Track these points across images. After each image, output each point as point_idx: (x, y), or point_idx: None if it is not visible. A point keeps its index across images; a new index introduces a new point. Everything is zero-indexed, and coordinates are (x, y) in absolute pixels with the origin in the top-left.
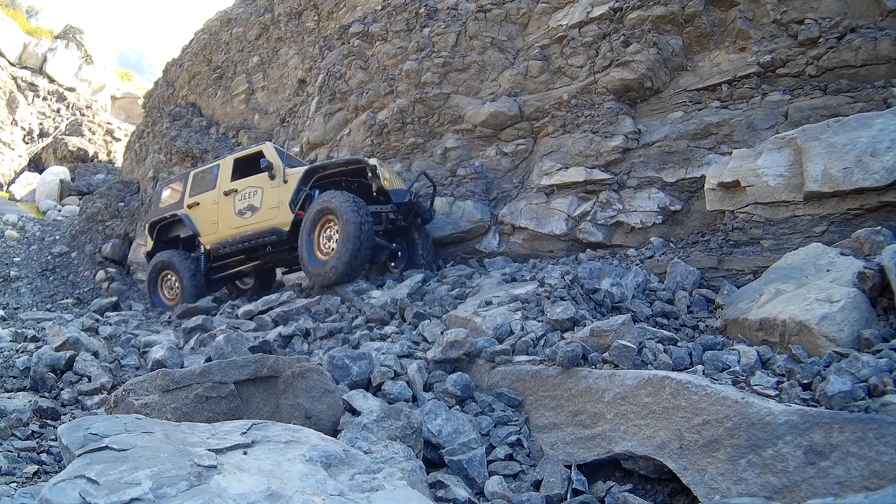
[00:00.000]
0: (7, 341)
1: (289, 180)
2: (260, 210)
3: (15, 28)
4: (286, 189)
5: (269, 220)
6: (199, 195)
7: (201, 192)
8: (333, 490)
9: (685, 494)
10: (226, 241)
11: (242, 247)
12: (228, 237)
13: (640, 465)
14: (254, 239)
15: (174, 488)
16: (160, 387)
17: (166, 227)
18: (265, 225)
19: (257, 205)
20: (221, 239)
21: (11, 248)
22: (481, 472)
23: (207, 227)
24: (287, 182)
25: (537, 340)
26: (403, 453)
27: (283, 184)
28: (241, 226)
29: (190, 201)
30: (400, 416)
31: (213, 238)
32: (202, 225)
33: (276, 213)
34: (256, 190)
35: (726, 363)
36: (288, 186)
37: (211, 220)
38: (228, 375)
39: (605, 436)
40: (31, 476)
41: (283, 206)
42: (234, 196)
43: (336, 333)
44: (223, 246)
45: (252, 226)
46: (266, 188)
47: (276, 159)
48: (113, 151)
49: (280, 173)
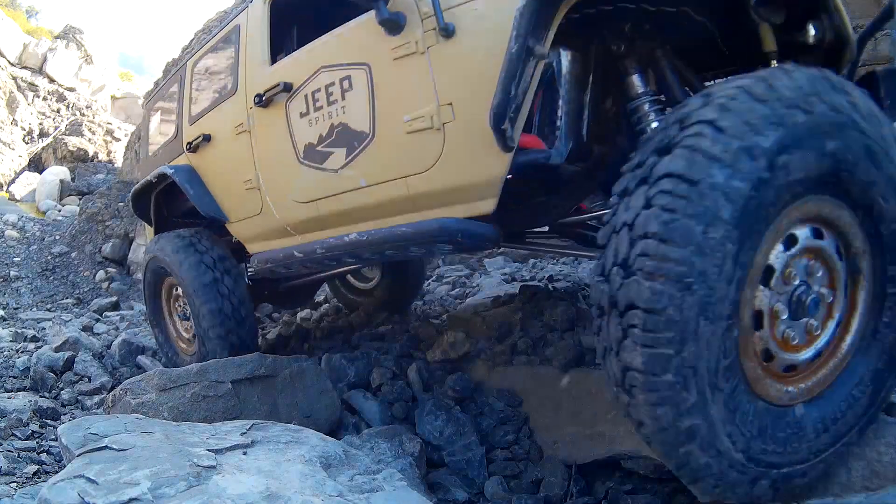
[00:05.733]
0: (7, 341)
1: (464, 31)
2: (374, 143)
3: (15, 28)
4: (461, 58)
5: (416, 178)
6: (210, 114)
7: (213, 104)
8: (333, 491)
9: (685, 494)
10: (286, 253)
11: (332, 260)
12: (291, 237)
13: (640, 465)
14: (371, 246)
15: (173, 488)
16: (157, 386)
17: (171, 195)
18: (402, 195)
19: (363, 126)
20: (272, 239)
21: (11, 248)
22: (481, 473)
23: (237, 200)
24: (458, 37)
25: (537, 340)
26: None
27: (444, 41)
28: (322, 195)
29: (193, 133)
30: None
31: (254, 230)
32: (225, 195)
33: (434, 149)
34: (355, 76)
35: None
36: (465, 49)
37: (242, 181)
38: (226, 374)
39: (606, 436)
40: (31, 476)
41: (460, 121)
42: (289, 106)
43: (336, 334)
44: (278, 262)
45: (359, 197)
46: (387, 67)
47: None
48: (113, 151)
49: (423, 14)
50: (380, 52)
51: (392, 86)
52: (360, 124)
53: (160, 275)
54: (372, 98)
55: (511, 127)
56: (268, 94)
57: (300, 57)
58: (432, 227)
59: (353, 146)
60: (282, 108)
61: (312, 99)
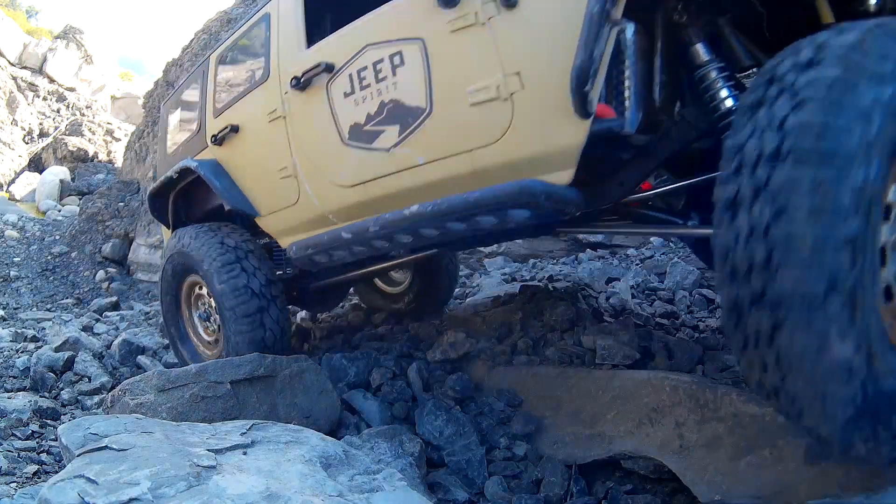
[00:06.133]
0: (7, 341)
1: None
2: (432, 118)
3: (15, 28)
4: (527, 27)
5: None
6: (237, 104)
7: (241, 94)
8: (333, 491)
9: (685, 494)
10: (333, 236)
11: (385, 240)
12: (331, 227)
13: (640, 465)
14: (436, 218)
15: (173, 488)
16: (156, 386)
17: (191, 195)
18: (466, 170)
19: (419, 101)
20: (309, 231)
21: (11, 248)
22: (481, 473)
23: (269, 191)
24: (521, 6)
25: (537, 340)
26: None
27: (507, 11)
28: (371, 177)
29: (218, 125)
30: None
31: (289, 222)
32: (255, 187)
33: (501, 119)
34: (408, 51)
35: (726, 363)
36: (530, 18)
37: (276, 170)
38: (224, 375)
39: (605, 436)
40: (31, 476)
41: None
42: (331, 86)
43: (336, 334)
44: (321, 247)
45: (415, 176)
46: (443, 40)
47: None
48: (113, 151)
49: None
50: (434, 26)
51: (450, 59)
52: (415, 100)
53: (181, 273)
54: (428, 72)
55: (591, 91)
56: (306, 76)
57: (342, 36)
58: (511, 190)
59: (407, 123)
60: (322, 90)
61: (358, 78)
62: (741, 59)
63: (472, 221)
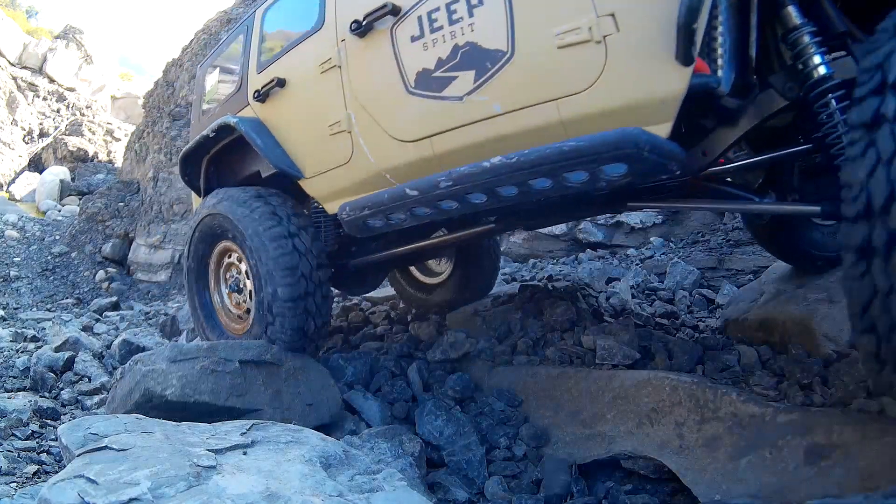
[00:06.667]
0: (7, 341)
1: None
2: (514, 62)
3: (15, 28)
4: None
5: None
6: (284, 58)
7: (290, 46)
8: (332, 491)
9: (685, 494)
10: (395, 194)
11: (456, 199)
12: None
13: (640, 465)
14: (521, 172)
15: (173, 488)
16: (168, 357)
17: (226, 159)
18: (551, 120)
19: (498, 43)
20: (362, 193)
21: (11, 248)
22: (481, 473)
23: (318, 149)
24: None
25: (537, 340)
26: (392, 450)
27: None
28: (439, 130)
29: (262, 80)
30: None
31: (340, 183)
32: (301, 145)
33: (593, 64)
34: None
35: (726, 363)
36: None
37: (327, 125)
38: (234, 354)
39: (605, 436)
40: (31, 476)
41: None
42: (396, 30)
43: (335, 333)
44: (380, 207)
45: (491, 127)
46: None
47: None
48: (113, 151)
49: None
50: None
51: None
52: (494, 42)
53: (213, 237)
54: (510, 12)
55: (697, 32)
56: (368, 19)
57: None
58: (613, 138)
59: (484, 67)
60: (386, 35)
61: (428, 20)
62: (835, 24)
63: (560, 178)
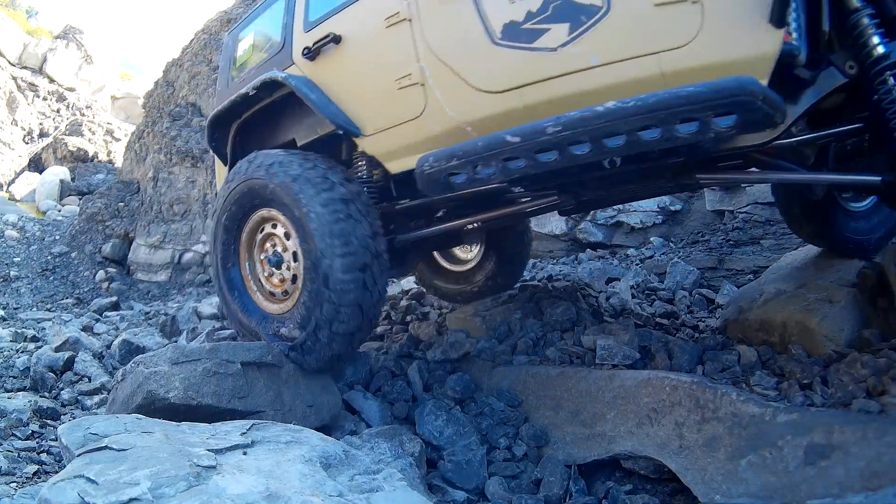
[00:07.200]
0: (7, 341)
1: None
2: (610, 16)
3: (15, 28)
4: None
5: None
6: (340, 13)
7: (346, 2)
8: (332, 490)
9: (685, 494)
10: (491, 141)
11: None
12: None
13: (640, 465)
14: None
15: (173, 488)
16: (170, 359)
17: (256, 127)
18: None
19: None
20: (442, 142)
21: (11, 248)
22: (481, 473)
23: (383, 105)
24: None
25: (537, 340)
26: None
27: None
28: (531, 80)
29: (314, 38)
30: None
31: (409, 138)
32: (361, 102)
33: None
34: None
35: (726, 363)
36: None
37: (394, 79)
38: (235, 356)
39: (605, 436)
40: (31, 476)
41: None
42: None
43: None
44: (471, 156)
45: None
46: None
47: None
48: (113, 151)
49: None
50: None
51: None
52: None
53: (250, 204)
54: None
55: None
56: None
57: None
58: (731, 85)
59: (579, 21)
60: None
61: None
62: (891, 8)
63: (671, 129)
